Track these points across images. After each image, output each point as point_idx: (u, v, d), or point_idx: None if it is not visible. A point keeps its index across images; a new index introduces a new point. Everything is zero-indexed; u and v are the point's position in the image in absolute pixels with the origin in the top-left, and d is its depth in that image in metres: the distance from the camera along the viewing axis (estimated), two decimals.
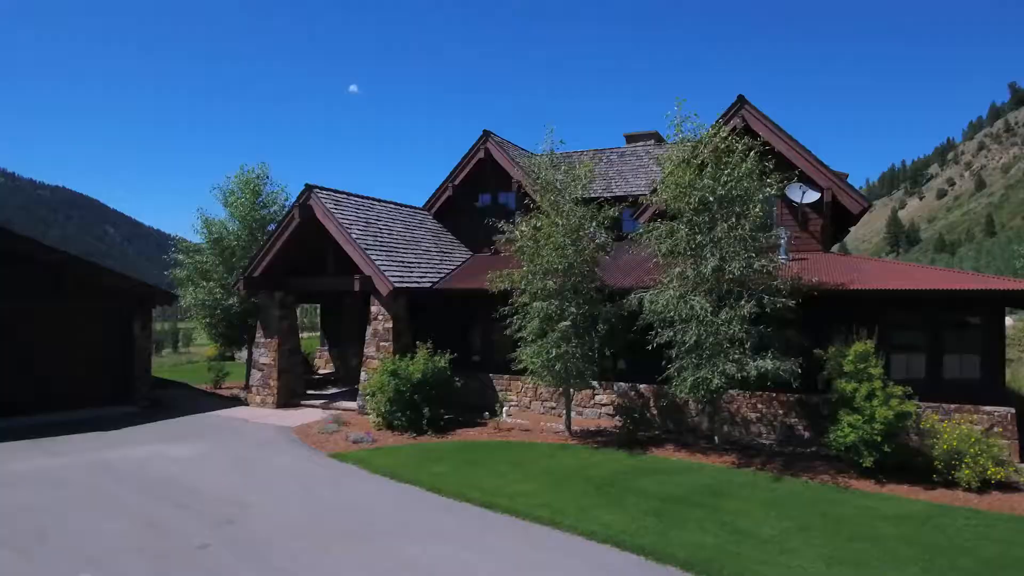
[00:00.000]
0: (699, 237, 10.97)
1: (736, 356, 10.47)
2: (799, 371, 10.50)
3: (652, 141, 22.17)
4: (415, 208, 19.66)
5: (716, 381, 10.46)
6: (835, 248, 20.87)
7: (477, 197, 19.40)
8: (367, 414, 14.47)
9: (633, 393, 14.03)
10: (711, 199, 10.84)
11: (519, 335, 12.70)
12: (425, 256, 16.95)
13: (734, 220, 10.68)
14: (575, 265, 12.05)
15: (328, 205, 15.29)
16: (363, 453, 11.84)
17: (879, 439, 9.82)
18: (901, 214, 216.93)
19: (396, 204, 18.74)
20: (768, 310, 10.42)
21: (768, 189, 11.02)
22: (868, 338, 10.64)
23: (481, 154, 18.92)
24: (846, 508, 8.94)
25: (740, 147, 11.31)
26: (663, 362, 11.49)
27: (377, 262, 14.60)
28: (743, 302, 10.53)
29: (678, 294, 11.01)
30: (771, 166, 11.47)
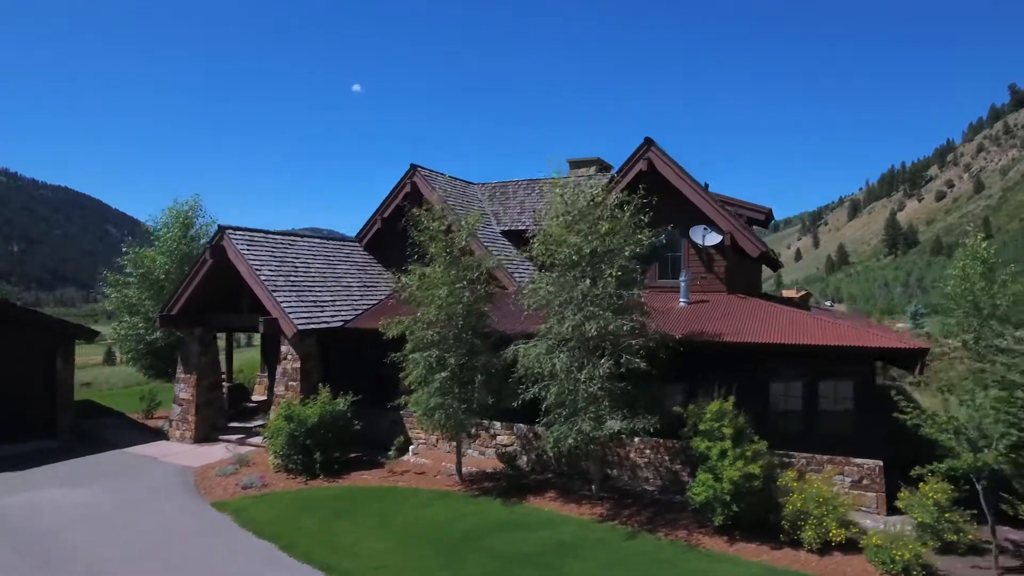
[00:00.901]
0: (564, 294, 11.12)
1: (595, 414, 10.65)
2: (652, 431, 10.67)
3: (594, 168, 22.32)
4: (345, 241, 19.89)
5: (571, 440, 10.64)
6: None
7: (407, 229, 19.52)
8: None
9: (531, 435, 14.21)
10: (575, 257, 11.00)
11: (408, 380, 12.90)
12: (344, 292, 17.18)
13: (590, 282, 10.82)
14: (454, 316, 12.21)
15: (240, 246, 15.53)
16: (245, 501, 12.09)
17: (728, 498, 10.02)
18: (900, 216, 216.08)
19: (322, 239, 18.97)
20: (624, 370, 10.59)
21: (632, 246, 11.13)
22: (729, 394, 10.86)
23: (408, 188, 19.11)
24: (680, 570, 9.14)
25: (611, 202, 11.49)
26: (539, 412, 11.67)
27: (284, 304, 14.83)
28: (603, 360, 10.70)
29: (545, 349, 11.19)
30: (646, 220, 11.61)
